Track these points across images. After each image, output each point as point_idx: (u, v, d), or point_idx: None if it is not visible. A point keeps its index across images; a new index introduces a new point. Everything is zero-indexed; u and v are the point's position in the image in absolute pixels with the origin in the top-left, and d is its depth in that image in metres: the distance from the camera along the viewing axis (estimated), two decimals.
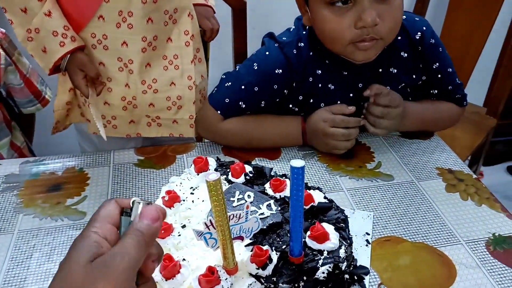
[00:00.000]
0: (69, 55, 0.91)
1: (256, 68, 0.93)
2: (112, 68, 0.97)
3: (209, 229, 0.60)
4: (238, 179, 0.77)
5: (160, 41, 0.98)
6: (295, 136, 0.97)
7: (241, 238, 0.64)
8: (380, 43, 0.86)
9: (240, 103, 0.94)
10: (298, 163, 0.56)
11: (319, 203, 0.72)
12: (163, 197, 0.72)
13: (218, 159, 0.85)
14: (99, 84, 0.95)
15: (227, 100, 0.95)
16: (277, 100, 0.97)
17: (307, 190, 0.73)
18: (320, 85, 0.95)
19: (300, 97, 0.96)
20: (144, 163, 0.96)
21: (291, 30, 0.97)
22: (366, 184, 0.89)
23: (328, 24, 0.84)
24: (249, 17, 1.41)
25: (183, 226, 0.69)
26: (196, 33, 1.03)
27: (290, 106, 0.98)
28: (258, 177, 0.78)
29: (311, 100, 0.96)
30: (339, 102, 0.94)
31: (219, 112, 0.95)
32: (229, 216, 0.59)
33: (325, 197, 0.74)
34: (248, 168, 0.79)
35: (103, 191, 0.87)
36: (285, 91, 0.95)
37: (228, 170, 0.79)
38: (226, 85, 0.96)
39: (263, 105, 0.96)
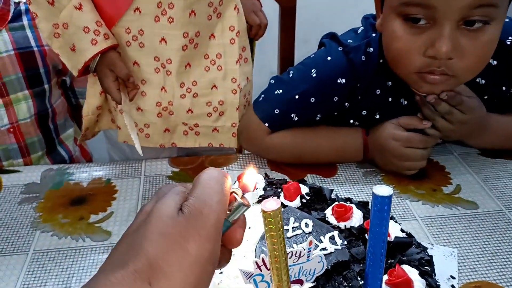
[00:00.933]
0: (99, 55, 0.80)
1: (314, 75, 0.79)
2: (148, 68, 0.85)
3: (261, 270, 0.47)
4: (293, 203, 0.63)
5: (202, 38, 0.86)
6: (354, 150, 0.82)
7: (300, 281, 0.50)
8: (452, 81, 0.70)
9: (292, 115, 0.81)
10: (383, 190, 0.42)
11: (396, 237, 0.57)
12: None
13: (266, 176, 0.72)
14: (132, 87, 0.83)
15: (276, 111, 0.81)
16: (335, 113, 0.83)
17: None
18: (390, 99, 0.80)
19: (364, 112, 0.82)
20: (179, 175, 0.83)
21: (359, 31, 0.83)
22: (443, 212, 0.73)
23: (395, 41, 0.70)
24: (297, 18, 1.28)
25: None
26: (242, 30, 0.90)
27: (351, 121, 0.84)
28: (317, 201, 0.65)
29: (377, 116, 0.81)
30: None
31: (266, 124, 0.82)
32: (287, 253, 0.46)
33: (402, 230, 0.59)
34: (304, 189, 0.65)
35: (131, 207, 0.75)
36: (346, 104, 0.81)
37: (279, 191, 0.66)
38: (276, 92, 0.82)
39: (318, 119, 0.82)
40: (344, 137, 0.83)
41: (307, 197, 0.64)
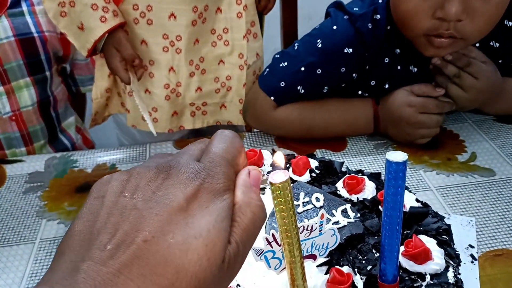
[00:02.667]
0: (107, 34, 0.78)
1: (319, 45, 0.76)
2: (156, 47, 0.83)
3: (272, 246, 0.45)
4: (302, 177, 0.61)
5: (210, 12, 0.83)
6: (364, 122, 0.80)
7: (313, 257, 0.48)
8: (460, 43, 0.68)
9: (299, 87, 0.78)
10: (397, 156, 0.40)
11: (411, 207, 0.55)
12: None
13: (274, 152, 0.69)
14: (139, 67, 0.81)
15: (282, 84, 0.78)
16: (343, 85, 0.80)
17: None
18: (399, 67, 0.77)
19: (373, 82, 0.79)
20: None
21: None
22: (459, 181, 0.70)
23: (404, 2, 0.67)
24: None
25: None
26: (250, 3, 0.87)
27: (359, 92, 0.81)
28: (327, 174, 0.62)
29: (387, 86, 0.78)
30: None
31: (272, 98, 0.79)
32: (299, 228, 0.44)
33: (417, 200, 0.57)
34: (314, 163, 0.63)
35: None
36: (354, 74, 0.78)
37: (288, 166, 0.63)
38: (281, 65, 0.79)
39: (325, 91, 0.79)
40: (353, 108, 0.80)
41: (317, 171, 0.62)
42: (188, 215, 0.25)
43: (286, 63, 0.79)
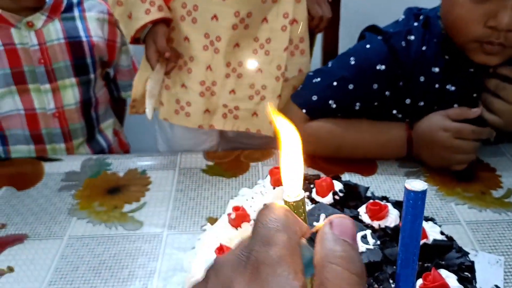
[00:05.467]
0: (150, 26, 0.83)
1: (353, 62, 0.77)
2: (197, 45, 0.87)
3: None
4: (325, 199, 0.61)
5: (254, 20, 0.86)
6: (397, 145, 0.78)
7: None
8: (508, 51, 0.68)
9: (330, 102, 0.79)
10: (417, 184, 0.39)
11: (434, 240, 0.53)
12: (229, 214, 0.58)
13: None
14: (171, 60, 0.84)
15: (314, 98, 0.79)
16: (376, 103, 0.79)
17: None
18: (436, 86, 0.76)
19: (408, 100, 0.78)
20: (213, 169, 0.83)
21: (400, 20, 0.80)
22: (492, 217, 0.68)
23: (457, 9, 0.68)
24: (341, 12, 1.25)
25: None
26: (302, 19, 0.89)
27: (394, 112, 0.80)
28: (350, 198, 0.61)
29: (422, 103, 0.77)
30: (455, 105, 0.75)
31: (304, 111, 0.80)
32: None
33: (442, 233, 0.55)
34: (338, 186, 0.62)
35: (164, 197, 0.76)
36: (386, 92, 0.78)
37: (312, 186, 0.63)
38: (314, 81, 0.81)
39: (357, 108, 0.79)
40: (386, 130, 0.79)
41: (341, 194, 0.61)
42: None
43: (319, 79, 0.80)
